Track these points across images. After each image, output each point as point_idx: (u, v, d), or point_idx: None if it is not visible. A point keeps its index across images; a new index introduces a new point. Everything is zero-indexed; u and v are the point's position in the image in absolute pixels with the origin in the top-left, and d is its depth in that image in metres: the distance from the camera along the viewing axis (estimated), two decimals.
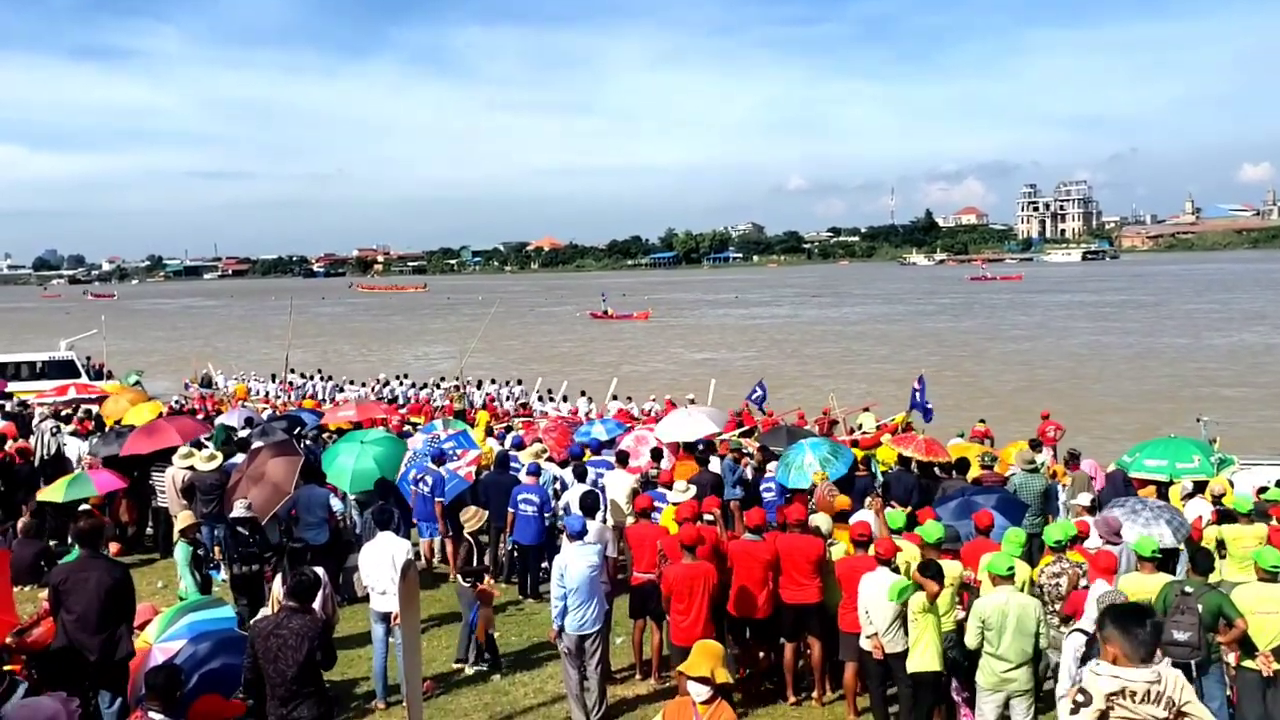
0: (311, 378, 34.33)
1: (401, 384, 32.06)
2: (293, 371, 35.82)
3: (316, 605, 7.72)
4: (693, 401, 20.91)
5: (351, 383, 34.15)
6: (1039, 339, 53.78)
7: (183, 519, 9.69)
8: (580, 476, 11.45)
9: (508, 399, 28.54)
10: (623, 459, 12.67)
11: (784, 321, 73.38)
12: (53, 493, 12.37)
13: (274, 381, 34.61)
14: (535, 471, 11.85)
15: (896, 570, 7.75)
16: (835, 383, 35.74)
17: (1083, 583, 7.72)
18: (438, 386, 31.27)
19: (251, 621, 7.57)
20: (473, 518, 9.85)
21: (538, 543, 11.54)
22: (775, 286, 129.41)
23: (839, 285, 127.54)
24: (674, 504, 10.64)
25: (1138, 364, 41.82)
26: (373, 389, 31.38)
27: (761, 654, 8.58)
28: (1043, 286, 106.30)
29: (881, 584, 7.55)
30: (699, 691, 5.25)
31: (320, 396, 30.94)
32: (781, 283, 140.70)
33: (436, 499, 12.43)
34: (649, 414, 23.00)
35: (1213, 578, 7.85)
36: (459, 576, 9.63)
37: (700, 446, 13.28)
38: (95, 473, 13.22)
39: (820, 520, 8.97)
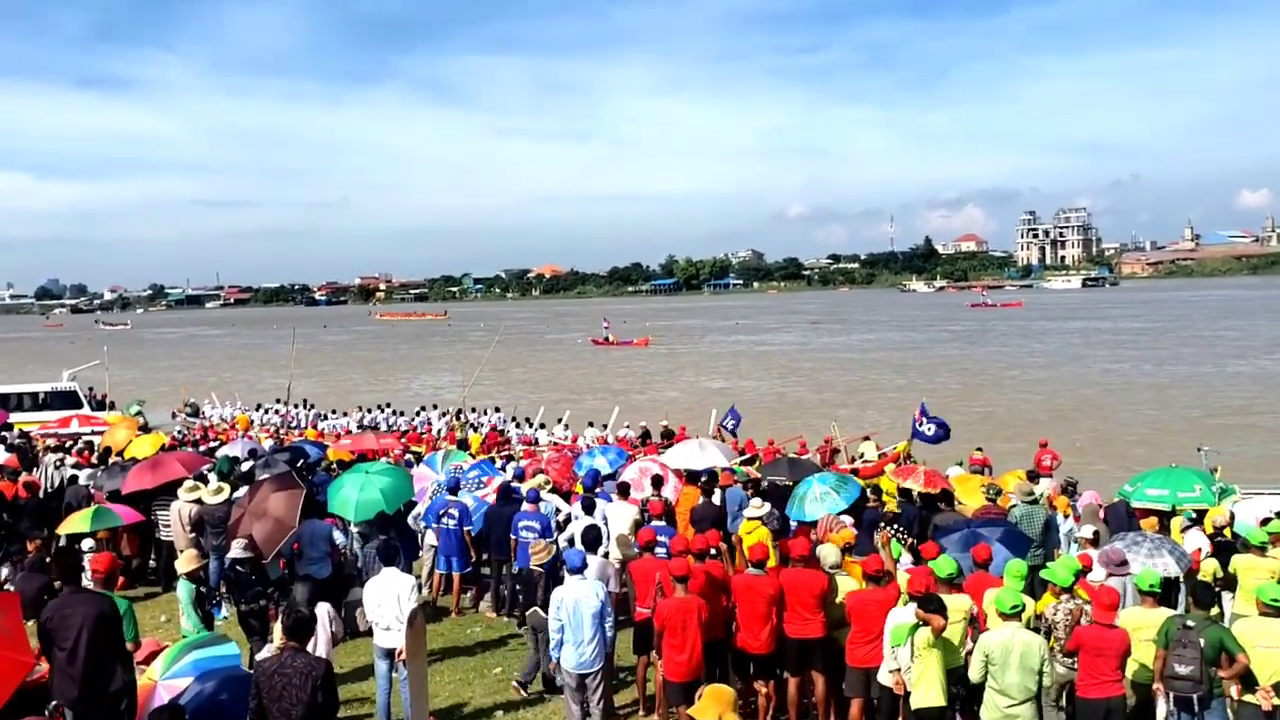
0: (298, 406, 34.44)
1: (383, 412, 32.12)
2: (278, 401, 35.98)
3: (324, 647, 7.74)
4: (665, 439, 20.99)
5: (334, 412, 34.28)
6: (1058, 367, 53.31)
7: (186, 560, 9.69)
8: (589, 510, 11.44)
9: (480, 426, 28.34)
10: (624, 490, 12.64)
11: (796, 349, 73.17)
12: (78, 523, 12.34)
13: (258, 410, 34.66)
14: (535, 499, 11.85)
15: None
16: (855, 411, 35.63)
17: (1084, 619, 7.73)
18: (418, 414, 31.38)
19: (255, 660, 7.58)
20: (541, 550, 9.92)
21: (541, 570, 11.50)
22: (781, 313, 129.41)
23: (844, 312, 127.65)
24: (751, 519, 10.96)
25: (1166, 393, 41.20)
26: (356, 419, 31.44)
27: (764, 690, 8.56)
28: (1049, 314, 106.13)
29: (909, 620, 7.53)
30: None
31: (302, 425, 31.07)
32: (787, 309, 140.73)
33: (465, 529, 12.36)
34: (624, 440, 23.15)
35: (1217, 610, 7.86)
36: (537, 609, 9.57)
37: (704, 478, 13.28)
38: (115, 505, 13.29)
39: (828, 551, 8.98)
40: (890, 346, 71.70)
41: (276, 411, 34.08)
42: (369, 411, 32.50)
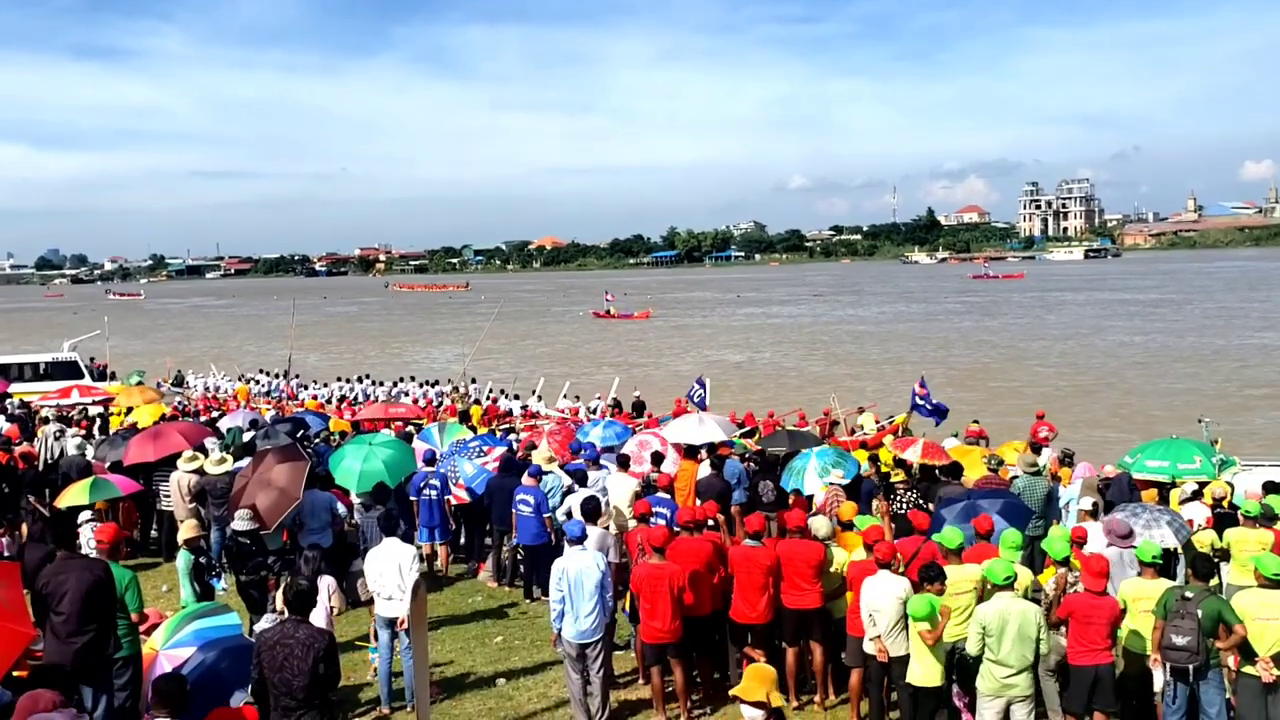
0: (278, 376, 34.38)
1: (362, 383, 32.03)
2: (261, 371, 35.90)
3: (322, 618, 7.77)
4: (636, 411, 20.77)
5: (314, 382, 34.22)
6: (1078, 339, 52.49)
7: (186, 529, 9.72)
8: (582, 482, 11.48)
9: (447, 397, 28.08)
10: (623, 462, 12.66)
11: (810, 321, 72.15)
12: (76, 495, 12.35)
13: (242, 380, 34.55)
14: (535, 474, 11.90)
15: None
16: (876, 384, 35.23)
17: (1070, 588, 7.77)
18: (395, 385, 31.28)
19: (257, 630, 7.62)
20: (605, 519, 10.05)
21: (538, 543, 11.58)
22: (789, 285, 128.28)
23: (852, 283, 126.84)
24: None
25: (1195, 366, 40.32)
26: (337, 390, 31.40)
27: (760, 660, 8.60)
28: (1059, 285, 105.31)
29: (884, 587, 7.59)
30: (754, 717, 5.16)
31: (284, 396, 31.06)
32: (795, 281, 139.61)
33: (446, 499, 12.60)
34: (595, 413, 23.19)
35: (1216, 581, 7.87)
36: None
37: (702, 451, 13.29)
38: (114, 475, 13.30)
39: (819, 523, 9.01)
40: (906, 319, 70.90)
41: (256, 381, 34.05)
42: (346, 382, 32.45)
